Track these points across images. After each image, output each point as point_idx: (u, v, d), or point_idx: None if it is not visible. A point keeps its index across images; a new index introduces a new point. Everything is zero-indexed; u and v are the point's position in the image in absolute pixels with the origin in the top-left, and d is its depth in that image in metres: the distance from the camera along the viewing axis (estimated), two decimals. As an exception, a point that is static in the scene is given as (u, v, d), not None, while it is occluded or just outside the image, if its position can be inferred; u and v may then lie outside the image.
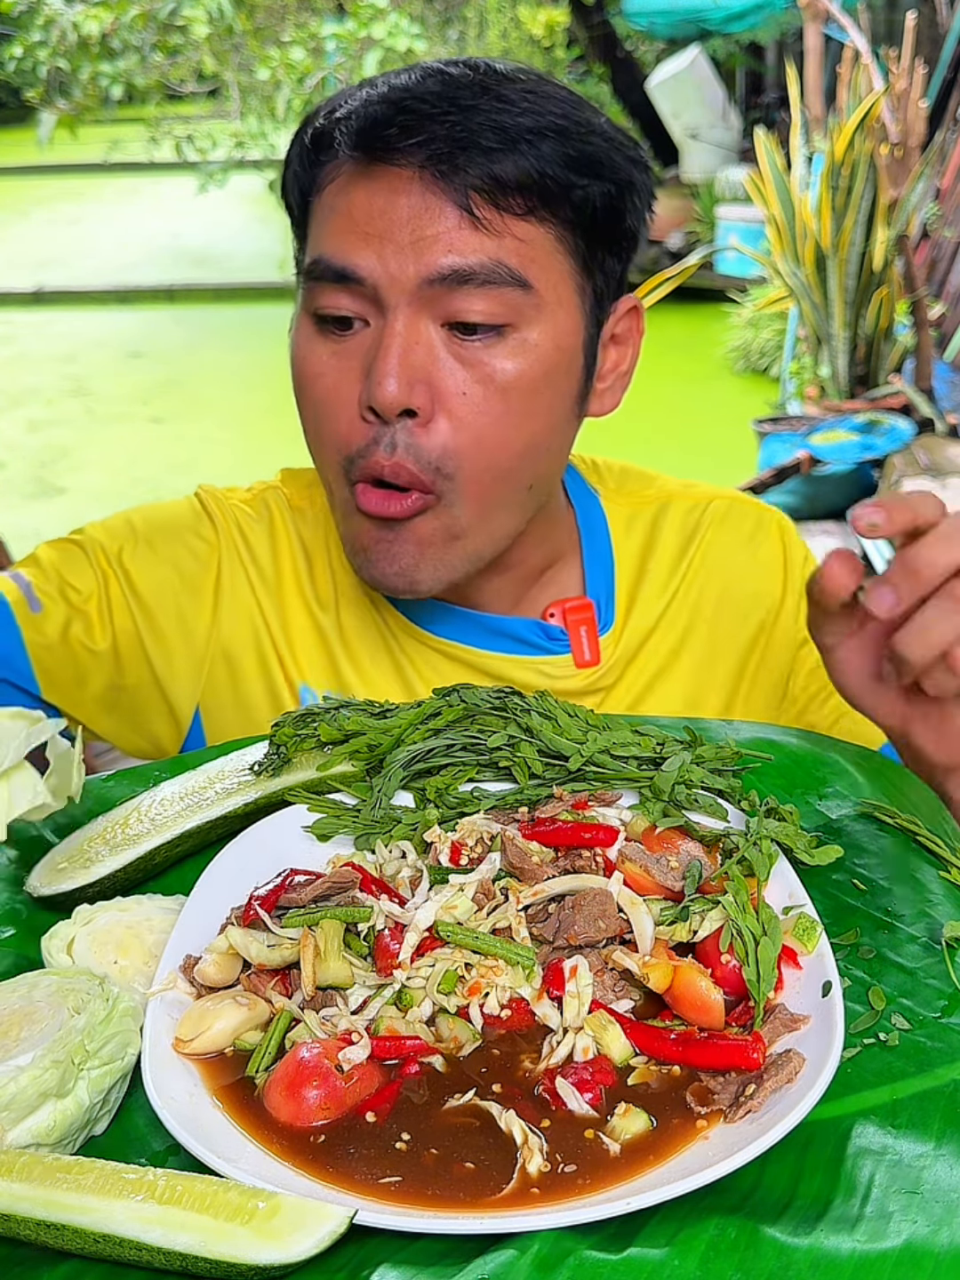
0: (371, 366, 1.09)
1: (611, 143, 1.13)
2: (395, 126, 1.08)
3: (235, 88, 10.66)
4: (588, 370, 1.20)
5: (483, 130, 1.07)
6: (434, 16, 10.61)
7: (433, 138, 1.07)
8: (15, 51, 10.35)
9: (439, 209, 1.07)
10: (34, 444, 8.50)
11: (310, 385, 1.15)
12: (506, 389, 1.11)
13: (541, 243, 1.11)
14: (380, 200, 1.09)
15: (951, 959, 0.80)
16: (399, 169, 1.08)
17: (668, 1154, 0.68)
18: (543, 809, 0.90)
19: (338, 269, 1.10)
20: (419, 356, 1.09)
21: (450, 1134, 0.70)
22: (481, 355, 1.10)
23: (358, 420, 1.11)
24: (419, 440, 1.10)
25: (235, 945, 0.80)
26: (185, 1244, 0.61)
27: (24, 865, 0.94)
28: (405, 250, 1.08)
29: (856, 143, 5.97)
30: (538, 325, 1.11)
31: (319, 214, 1.15)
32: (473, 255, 1.07)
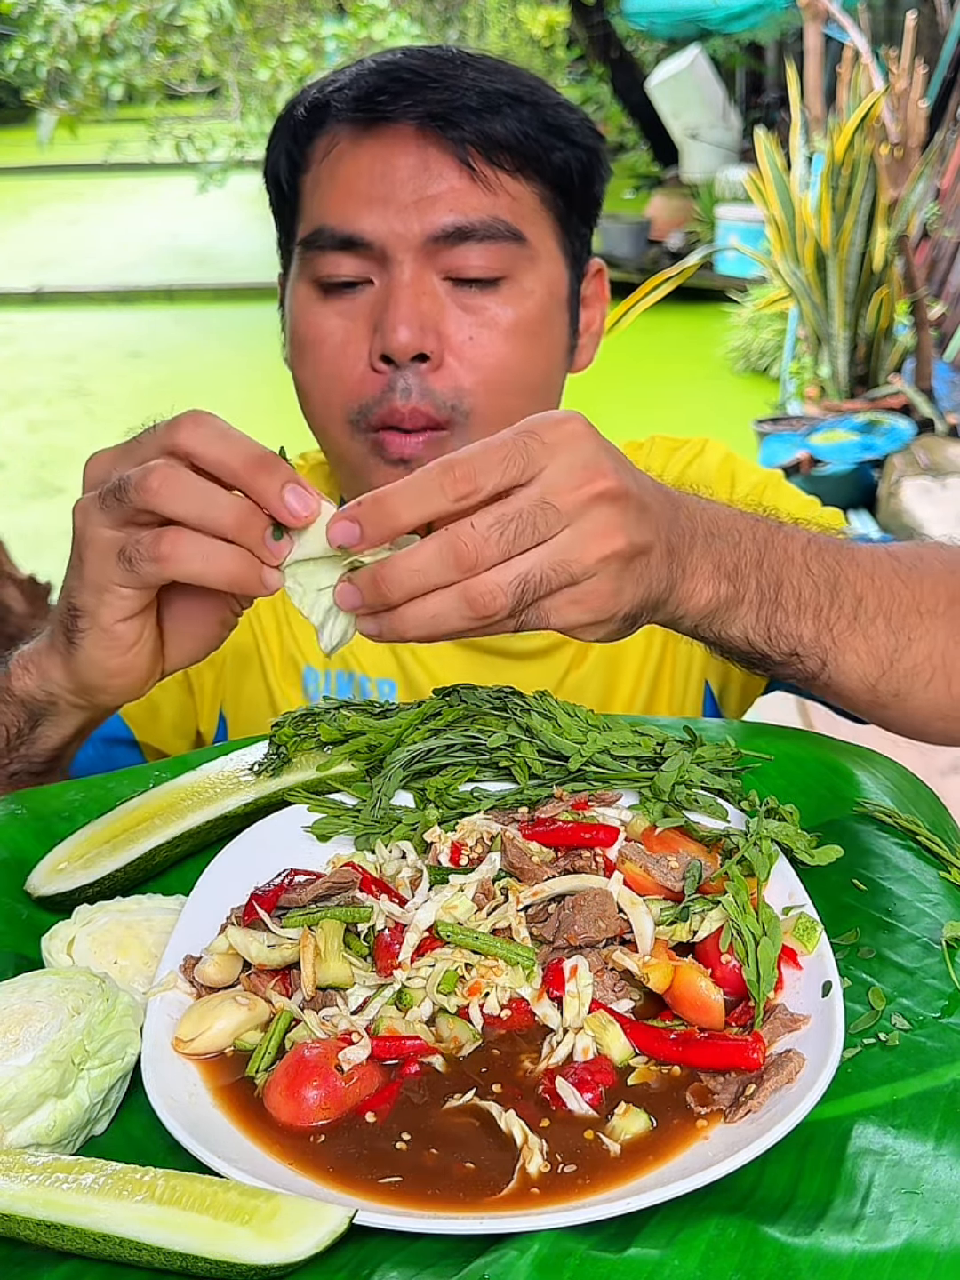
0: (382, 317, 1.15)
1: (576, 114, 1.24)
2: (387, 93, 1.15)
3: (235, 88, 10.66)
4: (573, 323, 1.29)
5: (469, 93, 1.15)
6: (434, 16, 10.62)
7: (424, 99, 1.14)
8: (15, 51, 10.35)
9: (439, 166, 1.15)
10: (34, 444, 8.50)
11: (317, 347, 1.19)
12: (508, 332, 1.18)
13: (529, 200, 1.19)
14: (380, 164, 1.15)
15: (951, 959, 0.80)
16: (397, 126, 1.15)
17: (668, 1154, 0.67)
18: (543, 809, 0.90)
19: (343, 236, 1.15)
20: (426, 305, 1.15)
21: (450, 1134, 0.70)
22: (483, 302, 1.18)
23: (369, 372, 1.17)
24: (431, 384, 1.16)
25: (235, 945, 0.80)
26: (185, 1244, 0.61)
27: (24, 865, 0.94)
28: (409, 209, 1.14)
29: (856, 143, 5.97)
30: (531, 274, 1.20)
31: (314, 187, 1.20)
32: (473, 212, 1.15)
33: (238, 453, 0.82)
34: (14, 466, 8.12)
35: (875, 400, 6.33)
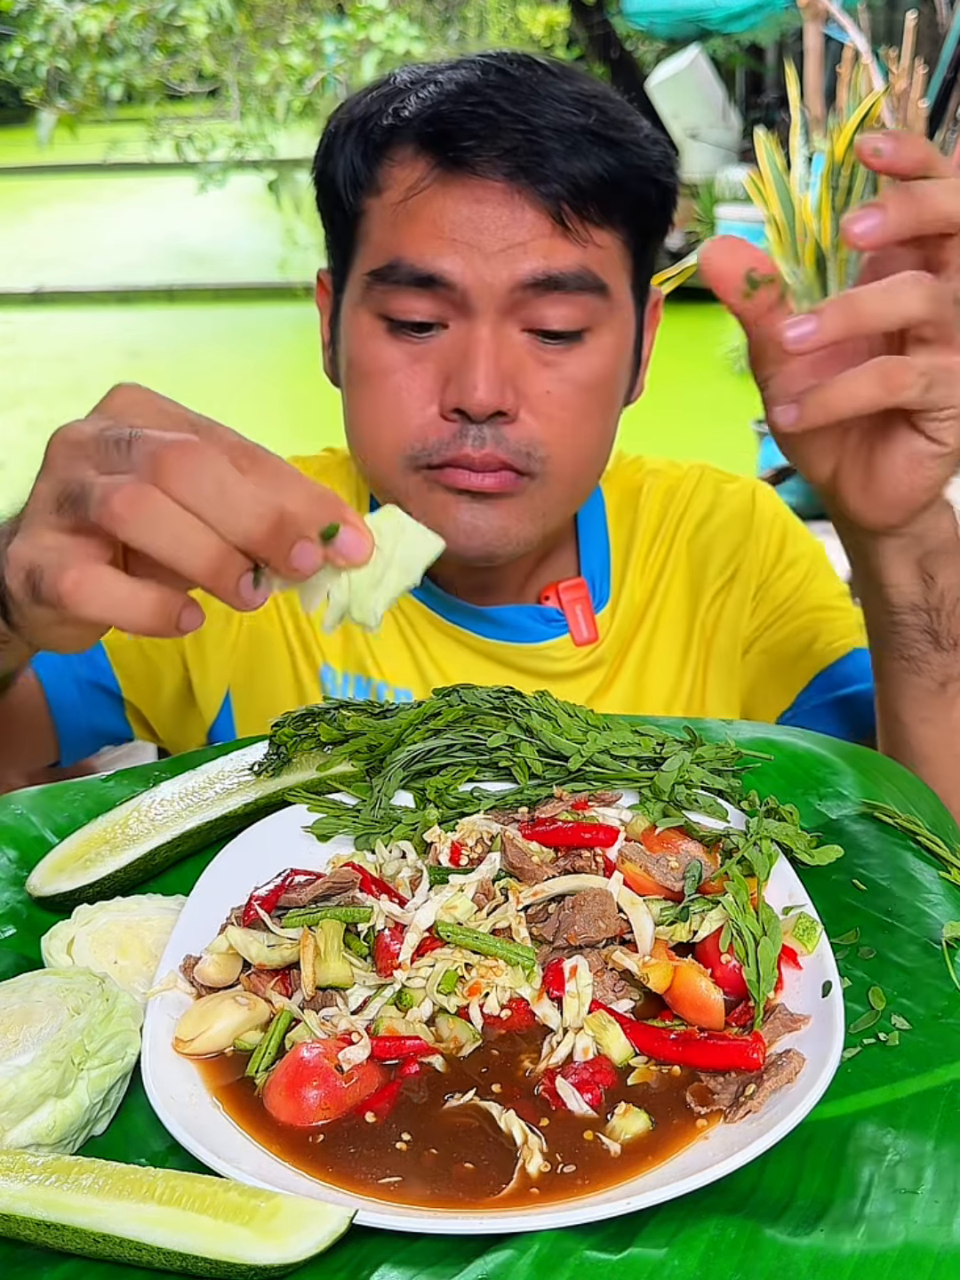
0: (460, 371, 1.12)
1: (656, 144, 1.17)
2: (474, 136, 1.10)
3: (235, 88, 10.66)
4: (636, 361, 1.27)
5: (556, 136, 1.10)
6: (434, 17, 10.62)
7: (515, 147, 1.09)
8: (15, 51, 10.35)
9: (531, 218, 1.11)
10: (34, 444, 8.48)
11: (377, 382, 1.16)
12: (585, 387, 1.16)
13: (613, 248, 1.16)
14: (465, 208, 1.11)
15: (951, 959, 0.80)
16: (484, 178, 1.10)
17: (668, 1154, 0.68)
18: (543, 809, 0.90)
19: (424, 274, 1.12)
20: (505, 361, 1.12)
21: (450, 1134, 0.70)
22: (561, 358, 1.15)
23: (435, 418, 1.14)
24: (507, 434, 1.14)
25: (235, 945, 0.80)
26: (185, 1244, 0.61)
27: (24, 865, 0.94)
28: (495, 257, 1.10)
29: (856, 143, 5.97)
30: (609, 327, 1.17)
31: (386, 215, 1.15)
32: (563, 263, 1.12)
33: (247, 512, 0.68)
34: (14, 466, 8.12)
35: (875, 400, 6.32)
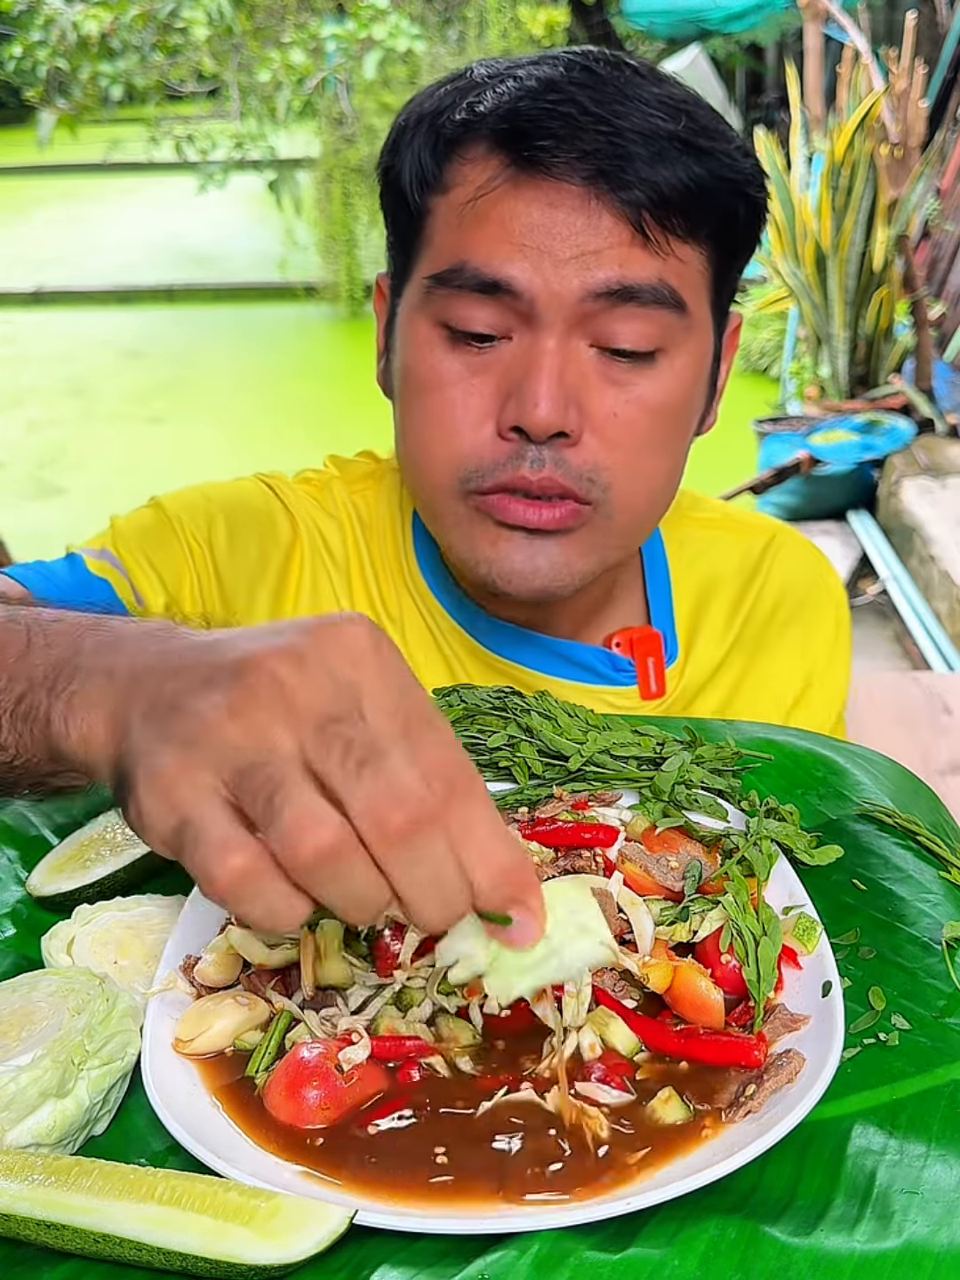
0: (521, 386, 1.04)
1: (750, 157, 1.10)
2: (552, 136, 1.02)
3: (235, 88, 10.66)
4: (711, 388, 1.18)
5: (641, 140, 1.02)
6: (434, 16, 10.61)
7: (595, 150, 1.02)
8: (15, 51, 10.34)
9: (609, 225, 1.03)
10: (33, 444, 8.50)
11: (431, 395, 1.09)
12: (655, 412, 1.08)
13: (695, 263, 1.08)
14: (538, 212, 1.03)
15: (951, 959, 0.80)
16: (560, 181, 1.03)
17: (668, 1154, 0.68)
18: (543, 809, 0.90)
19: (489, 279, 1.04)
20: (571, 377, 1.05)
21: (451, 1134, 0.69)
22: (632, 377, 1.07)
23: (492, 437, 1.07)
24: (568, 457, 1.06)
25: (235, 945, 0.80)
26: (185, 1244, 0.61)
27: (24, 865, 0.94)
28: (568, 264, 1.03)
29: (856, 143, 5.97)
30: (684, 349, 1.09)
31: (454, 217, 1.07)
32: (639, 274, 1.04)
33: (446, 902, 0.59)
34: (13, 467, 8.12)
35: (875, 400, 6.33)
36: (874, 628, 5.17)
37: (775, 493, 5.87)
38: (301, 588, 1.23)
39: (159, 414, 8.93)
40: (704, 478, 1.52)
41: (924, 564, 5.18)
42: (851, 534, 5.81)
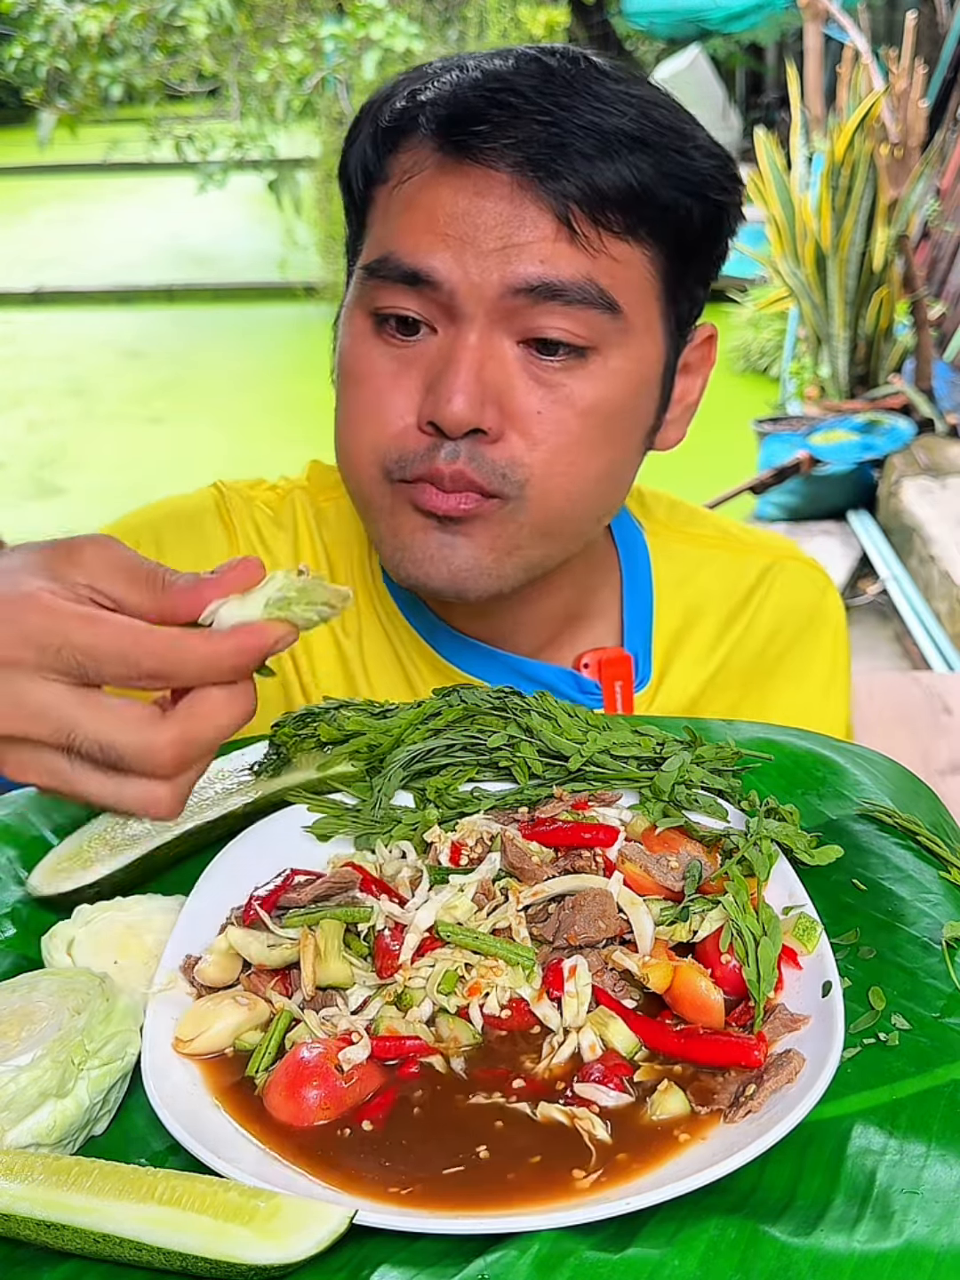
0: (438, 380, 1.02)
1: (714, 158, 1.06)
2: (488, 121, 0.99)
3: (235, 88, 10.65)
4: (663, 400, 1.14)
5: (582, 133, 0.99)
6: (434, 16, 10.61)
7: (530, 138, 0.99)
8: (15, 51, 10.34)
9: (534, 217, 1.00)
10: (33, 444, 8.50)
11: (359, 386, 1.08)
12: (583, 413, 1.05)
13: (636, 264, 1.04)
14: (465, 200, 1.01)
15: (951, 959, 0.80)
16: (490, 168, 1.00)
17: (668, 1154, 0.68)
18: (543, 809, 0.90)
19: (410, 270, 1.02)
20: (492, 373, 1.02)
21: (451, 1134, 0.69)
22: (560, 377, 1.04)
23: (413, 429, 1.05)
24: (485, 452, 1.04)
25: (235, 945, 0.80)
26: (185, 1244, 0.61)
27: (24, 865, 0.94)
28: (490, 256, 1.00)
29: (856, 143, 5.97)
30: (620, 352, 1.05)
31: (388, 205, 1.06)
32: (565, 270, 1.00)
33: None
34: (13, 467, 8.12)
35: (875, 400, 6.33)
36: (874, 628, 5.17)
37: (775, 493, 5.87)
38: None
39: (159, 414, 8.92)
40: (704, 478, 1.52)
41: (924, 564, 5.18)
42: (851, 534, 5.82)
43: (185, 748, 0.69)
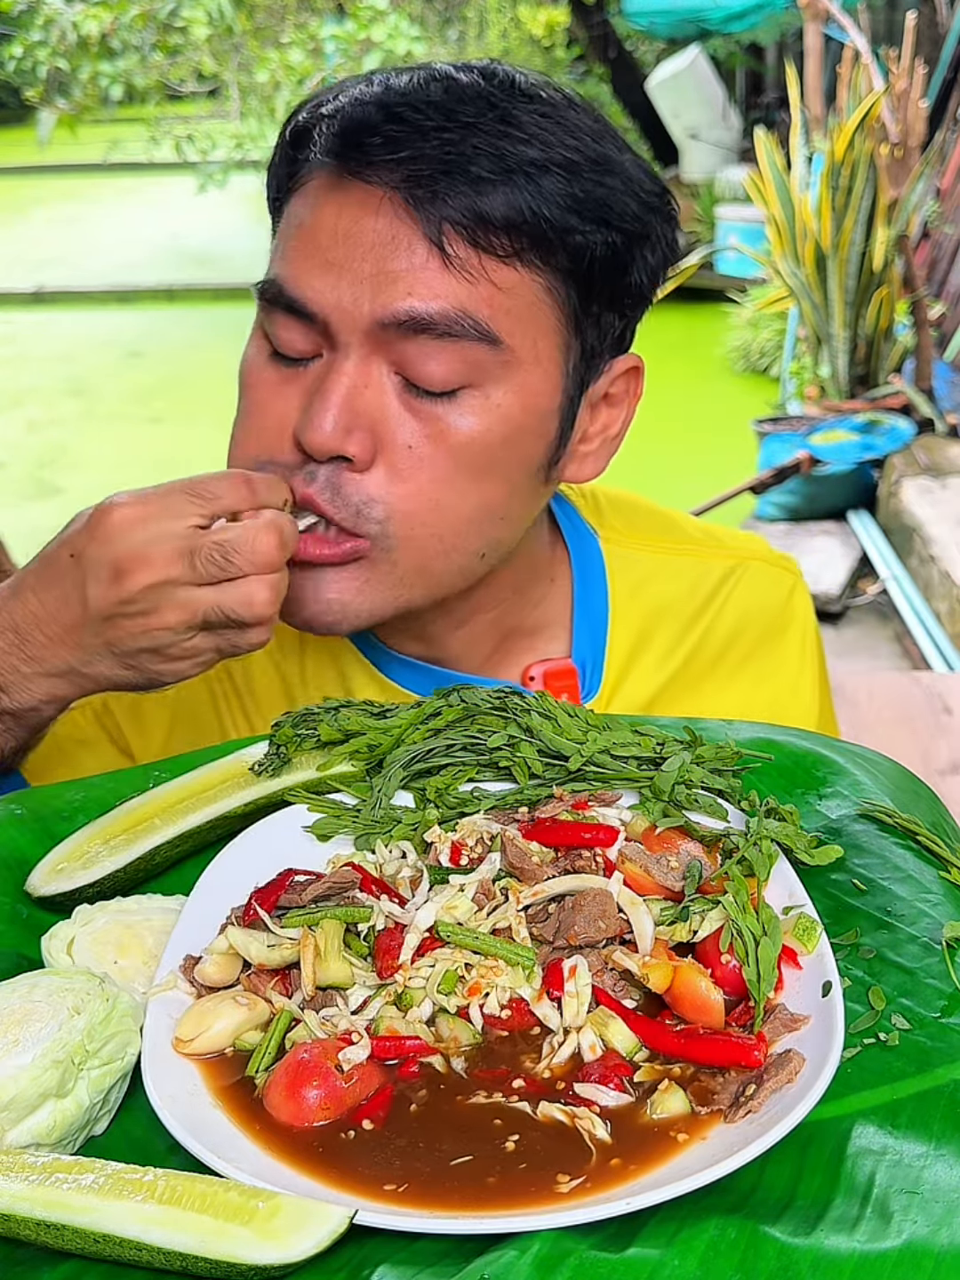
0: (310, 403, 1.01)
1: (630, 185, 1.02)
2: (379, 135, 0.97)
3: (235, 88, 10.66)
4: (562, 434, 1.08)
5: (477, 154, 0.95)
6: (434, 17, 10.61)
7: (418, 156, 0.96)
8: (15, 51, 10.36)
9: (407, 240, 0.97)
10: (33, 444, 8.50)
11: (246, 394, 1.08)
12: (458, 449, 1.01)
13: (523, 292, 1.00)
14: (346, 220, 0.99)
15: (951, 959, 0.80)
16: (371, 186, 0.98)
17: (667, 1154, 0.68)
18: (543, 809, 0.90)
19: (290, 298, 1.01)
20: (365, 402, 1.00)
21: (451, 1134, 0.70)
22: (435, 410, 1.01)
23: (287, 441, 1.03)
24: (344, 484, 1.01)
25: (235, 945, 0.80)
26: (185, 1244, 0.61)
27: (24, 865, 0.93)
28: (363, 283, 0.98)
29: (856, 143, 5.97)
30: (504, 385, 1.01)
31: (284, 221, 1.06)
32: (434, 301, 0.97)
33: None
34: (13, 466, 8.12)
35: (875, 400, 6.33)
36: (874, 628, 5.17)
37: (775, 493, 5.87)
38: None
39: (159, 414, 8.92)
40: (704, 478, 1.52)
41: (924, 564, 5.18)
42: (851, 534, 5.81)
43: (278, 533, 0.95)
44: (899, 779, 1.02)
